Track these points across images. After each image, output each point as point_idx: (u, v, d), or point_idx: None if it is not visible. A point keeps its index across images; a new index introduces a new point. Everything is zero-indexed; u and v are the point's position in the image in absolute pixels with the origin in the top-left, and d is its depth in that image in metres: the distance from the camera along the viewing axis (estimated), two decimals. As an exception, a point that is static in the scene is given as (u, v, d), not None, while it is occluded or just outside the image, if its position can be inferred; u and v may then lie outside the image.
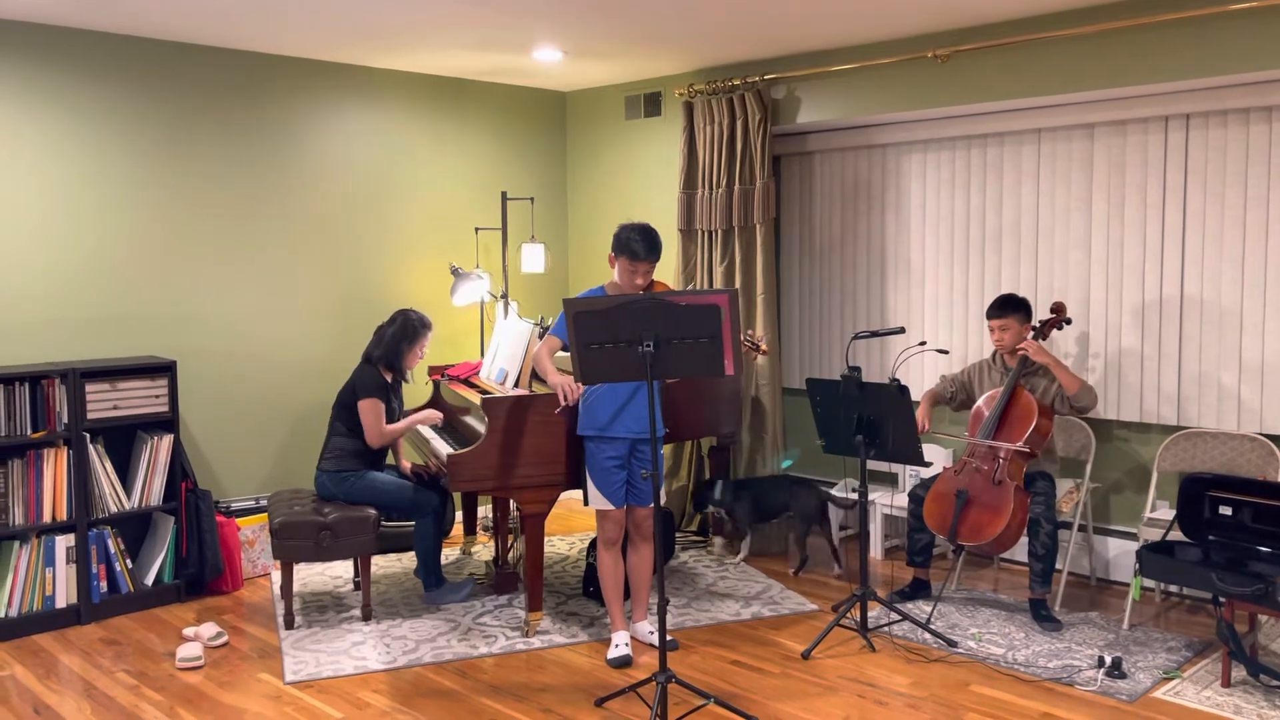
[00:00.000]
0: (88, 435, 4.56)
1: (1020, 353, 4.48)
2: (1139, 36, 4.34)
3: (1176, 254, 4.67)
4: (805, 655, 4.10)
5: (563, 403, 3.94)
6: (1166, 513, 4.52)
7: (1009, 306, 4.57)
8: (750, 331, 5.40)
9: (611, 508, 4.04)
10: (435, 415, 4.83)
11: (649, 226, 3.98)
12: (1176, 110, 4.56)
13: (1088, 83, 4.51)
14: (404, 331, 4.72)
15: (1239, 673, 3.82)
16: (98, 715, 3.67)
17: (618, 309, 3.39)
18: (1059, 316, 4.63)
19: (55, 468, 4.50)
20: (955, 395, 4.78)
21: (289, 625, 4.44)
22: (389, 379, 4.73)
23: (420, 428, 5.08)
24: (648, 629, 4.21)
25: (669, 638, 4.11)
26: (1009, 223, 5.16)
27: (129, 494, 4.72)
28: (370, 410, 4.57)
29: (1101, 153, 4.84)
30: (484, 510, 6.03)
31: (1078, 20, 4.47)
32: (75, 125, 4.76)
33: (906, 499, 4.77)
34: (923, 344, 5.29)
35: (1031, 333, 4.58)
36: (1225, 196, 4.52)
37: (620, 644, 4.08)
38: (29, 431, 4.45)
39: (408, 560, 5.35)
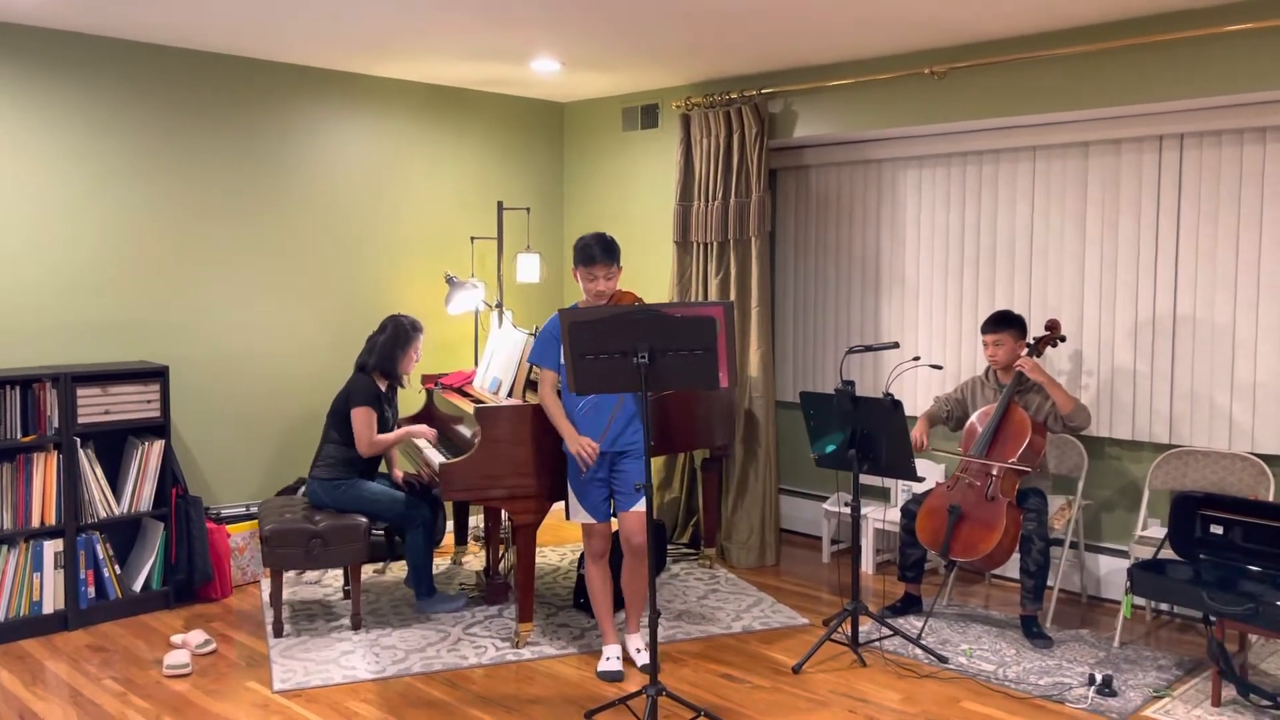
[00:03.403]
0: (78, 440, 4.54)
1: (1016, 369, 4.49)
2: (1134, 56, 4.36)
3: (1170, 273, 4.68)
4: (796, 669, 4.09)
5: (583, 469, 3.94)
6: (1158, 531, 4.53)
7: (1004, 323, 4.58)
8: None
9: (594, 521, 4.03)
10: (430, 431, 4.82)
11: (603, 233, 4.02)
12: (1171, 130, 4.58)
13: (1083, 101, 4.53)
14: (396, 337, 4.72)
15: (1229, 692, 3.81)
16: (84, 722, 3.65)
17: (612, 320, 3.39)
18: (1053, 334, 4.64)
19: (45, 472, 4.47)
20: (951, 414, 4.79)
21: (278, 633, 4.42)
22: (384, 387, 4.72)
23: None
24: (634, 646, 4.18)
25: (647, 658, 4.07)
26: (1003, 239, 5.17)
27: (119, 499, 4.70)
28: (363, 418, 4.57)
29: (1096, 171, 4.86)
30: (475, 520, 6.01)
31: (1074, 40, 4.49)
32: (71, 129, 4.75)
33: (899, 514, 4.77)
34: (916, 359, 5.30)
35: (1026, 350, 4.59)
36: (1218, 216, 4.54)
37: (611, 657, 4.07)
38: (19, 435, 4.42)
39: (398, 569, 5.33)
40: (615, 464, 4.00)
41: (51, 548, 4.48)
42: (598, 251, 3.93)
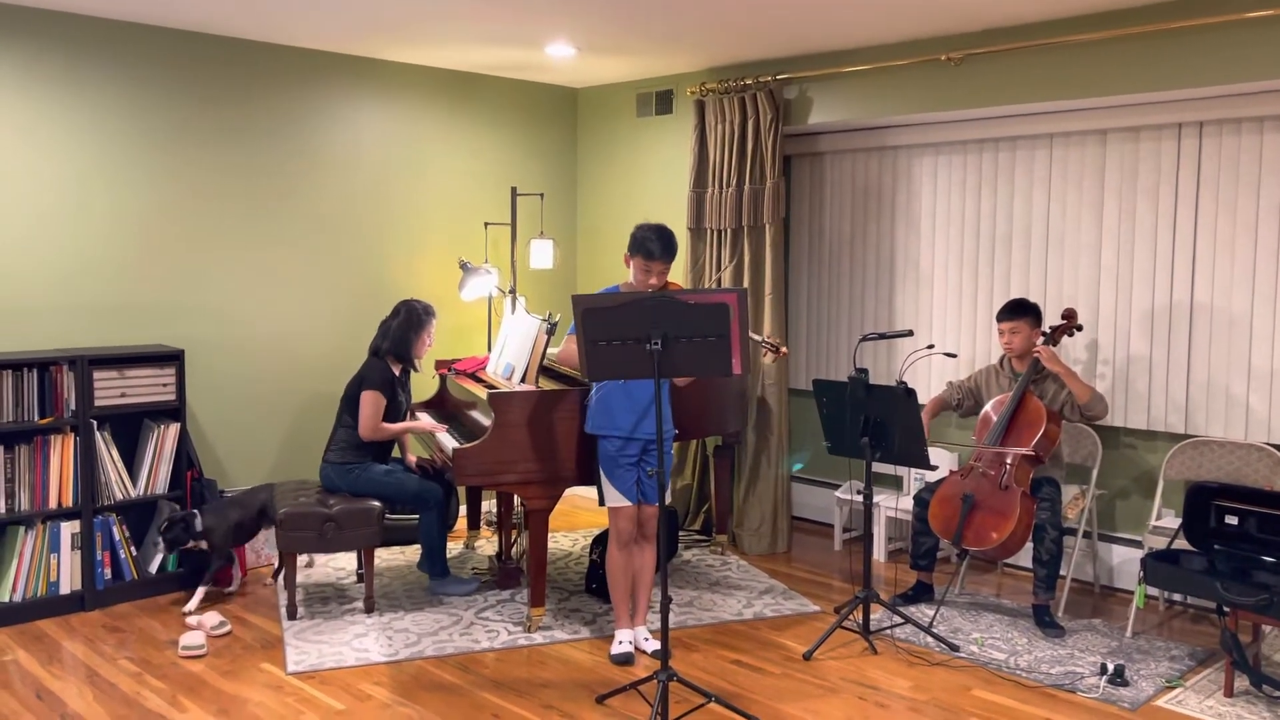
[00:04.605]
0: (95, 422, 4.57)
1: (1034, 356, 4.47)
2: (1153, 43, 4.32)
3: (1187, 261, 4.65)
4: (807, 656, 4.10)
5: None
6: (1172, 521, 4.51)
7: (1020, 310, 4.56)
8: (766, 334, 5.40)
9: (629, 504, 4.03)
10: (437, 427, 4.82)
11: (665, 227, 3.97)
12: (1190, 118, 4.54)
13: (1101, 88, 4.50)
14: (410, 321, 4.73)
15: (1242, 683, 3.80)
16: (100, 702, 3.68)
17: (625, 306, 3.38)
18: (1070, 323, 4.62)
19: (62, 454, 4.51)
20: (962, 401, 4.77)
21: (291, 616, 4.45)
22: (397, 371, 4.74)
23: (427, 419, 5.09)
24: (644, 635, 4.18)
25: (656, 646, 4.09)
26: (1019, 227, 5.14)
27: (135, 482, 4.73)
28: (370, 403, 4.58)
29: (1114, 159, 4.82)
30: (488, 505, 6.03)
31: (1092, 26, 4.45)
32: (87, 113, 4.77)
33: (911, 502, 4.76)
34: (930, 347, 5.28)
35: (1042, 338, 4.57)
36: (1237, 205, 4.50)
37: (624, 641, 4.08)
38: (36, 417, 4.46)
39: (411, 553, 5.35)
40: (648, 449, 4.02)
41: (68, 529, 4.52)
42: (658, 250, 3.91)
